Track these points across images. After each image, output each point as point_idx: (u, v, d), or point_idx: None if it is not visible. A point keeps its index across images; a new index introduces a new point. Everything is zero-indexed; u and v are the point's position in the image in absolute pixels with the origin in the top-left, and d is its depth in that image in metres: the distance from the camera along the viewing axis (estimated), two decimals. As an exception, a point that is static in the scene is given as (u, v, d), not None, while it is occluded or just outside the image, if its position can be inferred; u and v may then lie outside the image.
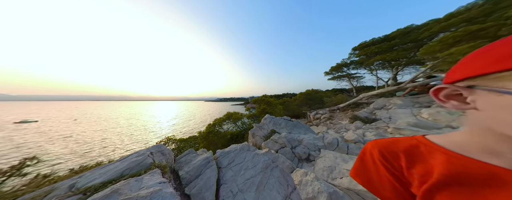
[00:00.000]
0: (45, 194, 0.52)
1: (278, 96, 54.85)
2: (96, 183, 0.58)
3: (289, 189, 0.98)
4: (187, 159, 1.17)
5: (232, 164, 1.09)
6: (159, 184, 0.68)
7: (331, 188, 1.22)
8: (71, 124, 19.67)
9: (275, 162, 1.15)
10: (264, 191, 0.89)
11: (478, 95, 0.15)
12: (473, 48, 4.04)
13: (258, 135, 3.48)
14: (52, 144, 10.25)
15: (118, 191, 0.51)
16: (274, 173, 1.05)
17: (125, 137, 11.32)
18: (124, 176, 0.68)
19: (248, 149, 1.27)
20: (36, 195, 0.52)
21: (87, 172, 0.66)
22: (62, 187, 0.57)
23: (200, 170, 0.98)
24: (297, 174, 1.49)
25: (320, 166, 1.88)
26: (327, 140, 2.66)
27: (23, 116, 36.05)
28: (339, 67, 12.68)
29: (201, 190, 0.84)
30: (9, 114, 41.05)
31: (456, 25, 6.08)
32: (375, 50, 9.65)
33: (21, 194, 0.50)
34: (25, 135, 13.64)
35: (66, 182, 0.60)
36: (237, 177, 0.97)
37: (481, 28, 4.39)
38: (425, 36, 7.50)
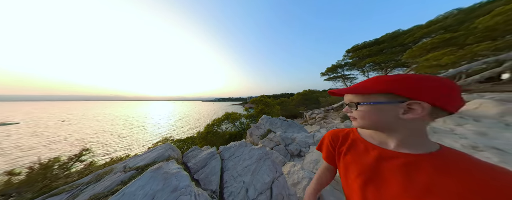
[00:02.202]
0: (110, 171, 0.77)
1: (276, 96, 54.94)
2: (141, 164, 0.84)
3: (277, 174, 1.26)
4: (194, 154, 1.42)
5: (233, 157, 1.36)
6: (178, 168, 0.94)
7: (312, 175, 1.53)
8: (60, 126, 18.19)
9: (267, 155, 1.43)
10: (258, 175, 1.17)
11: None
12: (446, 55, 4.54)
13: (256, 134, 3.76)
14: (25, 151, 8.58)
15: (160, 167, 0.78)
16: (266, 163, 1.33)
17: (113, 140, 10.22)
18: (156, 161, 0.93)
19: (246, 145, 1.54)
20: (104, 171, 0.77)
21: (131, 158, 0.91)
22: (119, 167, 0.82)
23: (206, 161, 1.24)
24: (287, 166, 1.79)
25: (308, 159, 2.19)
26: (316, 138, 2.99)
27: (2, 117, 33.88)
28: (334, 68, 13.18)
29: (207, 176, 1.10)
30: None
31: (435, 32, 6.68)
32: (367, 52, 10.22)
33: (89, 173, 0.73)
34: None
35: (119, 164, 0.85)
36: (237, 166, 1.24)
37: (453, 36, 4.92)
38: (410, 40, 8.06)
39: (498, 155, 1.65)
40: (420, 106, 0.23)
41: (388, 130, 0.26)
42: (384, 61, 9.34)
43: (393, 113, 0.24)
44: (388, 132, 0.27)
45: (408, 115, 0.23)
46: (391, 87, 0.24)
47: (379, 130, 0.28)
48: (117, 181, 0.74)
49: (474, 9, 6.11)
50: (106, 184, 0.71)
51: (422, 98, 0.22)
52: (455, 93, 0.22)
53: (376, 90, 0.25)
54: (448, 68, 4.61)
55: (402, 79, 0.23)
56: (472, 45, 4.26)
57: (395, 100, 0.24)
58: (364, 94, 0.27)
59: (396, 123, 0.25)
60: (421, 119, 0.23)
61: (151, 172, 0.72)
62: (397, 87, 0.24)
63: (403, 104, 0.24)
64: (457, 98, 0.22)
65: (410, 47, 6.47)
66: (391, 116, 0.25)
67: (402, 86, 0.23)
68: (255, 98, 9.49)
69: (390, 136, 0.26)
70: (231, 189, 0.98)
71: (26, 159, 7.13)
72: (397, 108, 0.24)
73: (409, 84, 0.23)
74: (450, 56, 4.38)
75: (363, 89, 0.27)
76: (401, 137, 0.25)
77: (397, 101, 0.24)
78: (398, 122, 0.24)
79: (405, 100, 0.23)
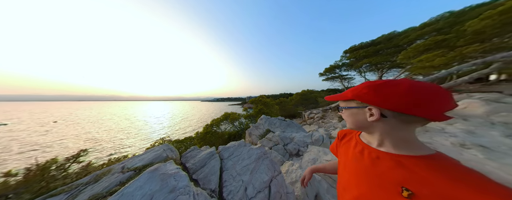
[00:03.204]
0: (108, 171, 0.77)
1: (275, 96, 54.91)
2: (139, 165, 0.84)
3: (275, 173, 1.29)
4: (193, 154, 1.43)
5: (232, 156, 1.38)
6: (176, 168, 0.95)
7: (310, 174, 1.56)
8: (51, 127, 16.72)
9: (266, 154, 1.46)
10: (256, 174, 1.19)
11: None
12: (438, 56, 4.71)
13: (255, 134, 3.78)
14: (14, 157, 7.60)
15: (158, 168, 0.78)
16: (264, 162, 1.35)
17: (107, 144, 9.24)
18: (154, 162, 0.93)
19: (245, 145, 1.56)
20: (102, 172, 0.77)
21: (129, 159, 0.91)
22: (117, 168, 0.82)
23: (205, 161, 1.25)
24: (285, 165, 1.82)
25: (306, 158, 2.23)
26: (314, 137, 3.04)
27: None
28: (332, 68, 13.35)
29: (207, 175, 1.11)
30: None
31: (428, 34, 6.92)
32: (363, 53, 10.37)
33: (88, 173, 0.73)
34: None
35: (117, 165, 0.85)
36: (236, 165, 1.25)
37: (444, 39, 5.12)
38: (405, 42, 8.27)
39: (484, 152, 1.75)
40: (376, 110, 0.25)
41: (367, 131, 0.30)
42: (380, 62, 9.53)
43: (362, 116, 0.28)
44: (368, 133, 0.30)
45: (371, 118, 0.26)
46: (354, 94, 0.28)
47: (360, 130, 0.32)
48: (115, 182, 0.74)
49: (464, 12, 6.36)
50: (104, 184, 0.71)
51: (372, 103, 0.26)
52: (411, 98, 0.22)
53: (348, 97, 0.30)
54: (440, 69, 4.79)
55: (369, 87, 0.26)
56: (462, 47, 4.45)
57: (361, 105, 0.28)
58: (343, 100, 0.32)
59: (369, 125, 0.28)
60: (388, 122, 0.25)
61: (149, 173, 0.73)
62: (357, 94, 0.28)
63: (366, 109, 0.27)
64: (427, 105, 0.21)
65: (405, 49, 6.68)
66: (362, 119, 0.28)
67: (361, 93, 0.27)
68: (254, 98, 9.51)
69: (371, 136, 0.30)
70: (230, 188, 1.00)
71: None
72: (364, 112, 0.28)
73: (365, 91, 0.26)
74: (442, 58, 4.55)
75: (342, 96, 0.32)
76: (379, 138, 0.28)
77: (363, 106, 0.28)
78: (370, 124, 0.27)
79: (365, 105, 0.27)
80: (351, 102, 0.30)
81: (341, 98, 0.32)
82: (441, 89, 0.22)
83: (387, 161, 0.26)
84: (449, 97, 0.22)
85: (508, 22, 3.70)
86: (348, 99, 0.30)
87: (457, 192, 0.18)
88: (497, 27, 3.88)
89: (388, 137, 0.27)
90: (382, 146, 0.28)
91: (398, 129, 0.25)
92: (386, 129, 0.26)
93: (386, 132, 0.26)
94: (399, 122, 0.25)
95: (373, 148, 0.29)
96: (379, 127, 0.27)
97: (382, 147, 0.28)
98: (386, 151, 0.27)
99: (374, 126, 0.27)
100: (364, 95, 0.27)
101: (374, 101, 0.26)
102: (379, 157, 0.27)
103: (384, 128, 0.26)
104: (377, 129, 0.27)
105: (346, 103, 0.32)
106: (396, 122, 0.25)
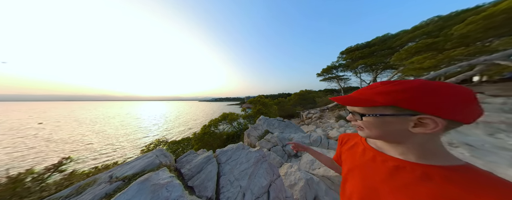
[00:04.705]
0: (93, 182, 0.70)
1: (273, 96, 55.28)
2: (129, 174, 0.78)
3: (274, 176, 1.26)
4: (188, 159, 1.37)
5: (230, 160, 1.34)
6: (170, 177, 0.89)
7: (308, 176, 1.56)
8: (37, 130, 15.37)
9: (264, 157, 1.43)
10: (255, 179, 1.16)
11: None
12: (427, 58, 4.96)
13: (253, 135, 3.75)
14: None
15: (149, 178, 0.72)
16: (263, 166, 1.32)
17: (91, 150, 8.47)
18: (145, 171, 0.87)
19: (243, 148, 1.53)
20: (86, 183, 0.70)
21: (118, 167, 0.84)
22: (104, 177, 0.75)
23: (201, 166, 1.20)
24: (284, 167, 1.80)
25: (304, 160, 2.24)
26: (312, 138, 3.07)
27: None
28: (329, 69, 13.62)
29: (203, 182, 1.06)
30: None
31: (419, 37, 7.27)
32: (359, 55, 10.68)
33: (70, 184, 0.65)
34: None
35: (104, 174, 0.78)
36: (234, 170, 1.22)
37: (433, 42, 5.39)
38: (397, 44, 8.60)
39: (470, 150, 1.85)
40: (433, 121, 0.20)
41: (395, 142, 0.25)
42: (375, 63, 9.90)
43: (401, 126, 0.22)
44: (394, 143, 0.25)
45: (419, 129, 0.21)
46: (397, 99, 0.21)
47: (384, 140, 0.26)
48: (100, 194, 0.67)
49: (451, 17, 6.76)
50: (87, 197, 0.64)
51: (436, 113, 0.20)
52: (473, 104, 0.19)
53: (380, 102, 0.23)
54: (430, 70, 5.04)
55: (411, 90, 0.20)
56: (449, 50, 4.71)
57: (403, 113, 0.22)
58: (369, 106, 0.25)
59: (405, 136, 0.23)
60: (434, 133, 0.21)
61: (139, 184, 0.67)
62: (403, 99, 0.21)
63: (413, 117, 0.21)
64: (476, 110, 0.20)
65: (398, 51, 6.93)
66: (400, 129, 0.22)
67: (410, 98, 0.20)
68: (252, 98, 9.48)
69: (395, 145, 0.25)
70: (228, 195, 0.96)
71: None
72: (407, 121, 0.22)
73: (418, 96, 0.20)
74: (431, 60, 4.79)
75: (366, 102, 0.24)
76: (406, 148, 0.23)
77: (406, 114, 0.21)
78: (407, 135, 0.22)
79: (415, 113, 0.21)
80: (384, 109, 0.23)
81: (365, 103, 0.24)
82: (472, 91, 0.20)
83: (409, 172, 0.21)
84: (477, 99, 0.20)
85: (490, 27, 3.97)
86: (380, 105, 0.23)
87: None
88: (480, 31, 4.14)
89: (419, 148, 0.22)
90: (403, 155, 0.23)
91: (435, 138, 0.22)
92: (424, 140, 0.22)
93: (422, 143, 0.22)
94: (442, 130, 0.20)
95: (389, 156, 0.25)
96: (419, 138, 0.22)
97: (402, 155, 0.23)
98: (406, 160, 0.23)
99: (410, 137, 0.22)
100: (413, 101, 0.20)
101: (429, 109, 0.20)
102: (398, 167, 0.23)
103: (423, 139, 0.22)
104: (413, 140, 0.22)
105: (373, 109, 0.24)
106: (440, 131, 0.20)
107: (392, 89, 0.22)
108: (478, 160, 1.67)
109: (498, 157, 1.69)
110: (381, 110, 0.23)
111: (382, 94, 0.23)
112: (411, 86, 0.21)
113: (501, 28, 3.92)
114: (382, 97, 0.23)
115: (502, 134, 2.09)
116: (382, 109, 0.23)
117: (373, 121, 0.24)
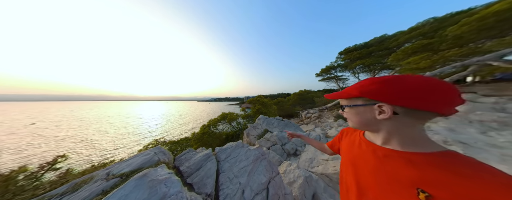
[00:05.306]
0: (89, 179, 0.69)
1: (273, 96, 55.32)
2: (126, 171, 0.76)
3: (273, 174, 1.27)
4: (187, 157, 1.36)
5: (229, 158, 1.34)
6: (168, 173, 0.89)
7: (307, 173, 1.57)
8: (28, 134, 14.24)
9: (263, 155, 1.44)
10: (254, 176, 1.16)
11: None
12: (423, 59, 5.07)
13: (253, 135, 3.75)
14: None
15: (146, 174, 0.72)
16: (262, 163, 1.33)
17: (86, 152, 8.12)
18: (143, 167, 0.86)
19: (242, 146, 1.53)
20: (83, 180, 0.69)
21: (115, 164, 0.82)
22: (101, 174, 0.73)
23: (200, 164, 1.19)
24: (283, 165, 1.81)
25: (303, 158, 2.26)
26: (311, 137, 3.10)
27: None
28: (328, 69, 13.77)
29: (202, 179, 1.06)
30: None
31: (415, 38, 7.43)
32: (357, 55, 10.89)
33: (66, 182, 0.64)
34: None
35: (101, 171, 0.76)
36: (233, 167, 1.22)
37: (429, 43, 5.52)
38: (394, 45, 8.80)
39: (464, 148, 1.90)
40: (387, 107, 0.24)
41: (373, 130, 0.29)
42: (373, 64, 10.06)
43: (370, 114, 0.27)
44: (373, 131, 0.29)
45: (382, 116, 0.25)
46: (362, 90, 0.26)
47: (365, 129, 0.30)
48: (97, 191, 0.66)
49: (446, 18, 6.94)
50: (84, 194, 0.63)
51: (386, 100, 0.24)
52: (435, 95, 0.21)
53: (353, 94, 0.28)
54: (425, 71, 5.15)
55: (375, 83, 0.25)
56: (444, 51, 4.83)
57: (369, 103, 0.26)
58: (346, 98, 0.30)
59: (376, 123, 0.26)
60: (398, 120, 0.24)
61: (136, 180, 0.66)
62: (365, 91, 0.26)
63: (375, 106, 0.25)
64: (440, 101, 0.21)
65: (395, 51, 7.05)
66: (370, 117, 0.27)
67: (372, 89, 0.25)
68: (252, 98, 9.48)
69: (376, 134, 0.28)
70: (227, 191, 0.96)
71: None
72: (373, 110, 0.26)
73: (378, 87, 0.24)
74: (427, 61, 4.90)
75: (345, 94, 0.30)
76: (385, 136, 0.27)
77: (371, 104, 0.26)
78: (378, 122, 0.26)
79: (376, 102, 0.25)
80: (356, 100, 0.28)
81: (345, 95, 0.30)
82: (451, 84, 0.22)
83: (396, 160, 0.24)
84: (457, 91, 0.22)
85: (482, 28, 4.09)
86: (353, 97, 0.28)
87: (477, 192, 0.16)
88: (473, 33, 4.27)
89: (396, 135, 0.25)
90: (388, 144, 0.26)
91: (409, 126, 0.24)
92: (396, 127, 0.25)
93: (395, 130, 0.25)
94: (411, 119, 0.23)
95: (379, 146, 0.27)
96: (388, 125, 0.25)
97: (388, 145, 0.26)
98: (393, 149, 0.25)
99: (383, 124, 0.26)
100: (373, 92, 0.25)
101: (385, 97, 0.24)
102: (386, 155, 0.25)
103: (393, 126, 0.25)
104: (385, 127, 0.26)
105: (349, 101, 0.30)
106: (407, 120, 0.24)
107: (362, 83, 0.27)
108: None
109: (489, 154, 1.75)
110: (354, 101, 0.29)
111: (355, 88, 0.28)
112: (377, 80, 0.25)
113: (492, 30, 4.05)
114: (355, 90, 0.28)
115: (493, 132, 2.16)
116: (355, 100, 0.29)
117: (351, 111, 0.30)
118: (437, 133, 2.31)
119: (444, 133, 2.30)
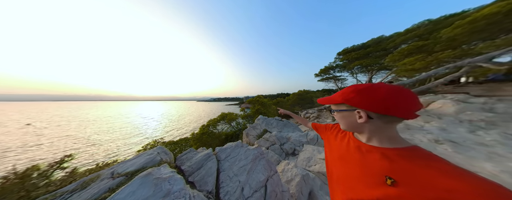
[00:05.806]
0: (96, 177, 0.73)
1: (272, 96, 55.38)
2: (131, 170, 0.81)
3: (272, 172, 1.32)
4: (188, 157, 1.40)
5: (229, 157, 1.38)
6: (171, 172, 0.93)
7: (304, 172, 1.63)
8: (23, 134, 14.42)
9: (262, 154, 1.49)
10: (253, 174, 1.21)
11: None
12: (418, 60, 5.20)
13: (252, 135, 3.80)
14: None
15: (151, 172, 0.76)
16: (261, 162, 1.38)
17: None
18: (146, 167, 0.90)
19: (242, 145, 1.58)
20: (90, 178, 0.73)
21: (120, 164, 0.86)
22: (106, 173, 0.78)
23: (201, 163, 1.24)
24: (281, 164, 1.87)
25: (301, 157, 2.32)
26: (309, 137, 3.16)
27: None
28: (327, 69, 13.86)
29: (203, 177, 1.11)
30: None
31: (411, 39, 7.60)
32: (355, 56, 10.98)
33: (73, 180, 0.68)
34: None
35: (106, 170, 0.80)
36: (233, 166, 1.27)
37: (424, 44, 5.67)
38: (391, 46, 8.94)
39: (453, 146, 1.99)
40: (363, 113, 0.29)
41: (358, 131, 0.33)
42: (370, 64, 10.16)
43: (352, 118, 0.32)
44: (359, 132, 0.34)
45: (360, 120, 0.30)
46: (343, 98, 0.32)
47: (352, 131, 0.35)
48: (104, 188, 0.70)
49: (440, 21, 7.12)
50: (93, 191, 0.67)
51: (361, 107, 0.29)
52: (399, 103, 0.26)
53: (337, 100, 0.33)
54: (421, 72, 5.29)
55: (354, 91, 0.30)
56: (438, 52, 4.97)
57: (350, 109, 0.32)
58: (334, 103, 0.35)
59: (359, 126, 0.31)
60: (374, 123, 0.29)
61: (142, 178, 0.70)
62: (346, 98, 0.31)
63: (354, 111, 0.31)
64: (403, 108, 0.26)
65: (392, 52, 7.18)
66: (353, 121, 0.32)
67: (349, 97, 0.31)
68: (251, 98, 9.51)
69: (361, 134, 0.34)
70: (227, 189, 1.01)
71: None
72: (354, 115, 0.31)
73: (356, 95, 0.30)
74: (421, 62, 5.03)
75: (331, 100, 0.36)
76: (367, 136, 0.32)
77: (352, 109, 0.32)
78: (360, 125, 0.31)
79: (355, 108, 0.31)
80: (341, 105, 0.33)
81: (332, 102, 0.35)
82: (411, 92, 0.27)
83: (374, 154, 0.29)
84: (417, 99, 0.27)
85: (474, 31, 4.23)
86: (338, 103, 0.34)
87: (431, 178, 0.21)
88: (466, 35, 4.41)
89: (376, 134, 0.30)
90: (370, 142, 0.32)
91: (383, 128, 0.29)
92: (373, 129, 0.30)
93: (373, 131, 0.30)
94: (383, 122, 0.28)
95: (363, 143, 0.33)
96: (367, 127, 0.30)
97: (370, 142, 0.32)
98: (373, 145, 0.31)
99: (364, 126, 0.31)
100: (352, 99, 0.30)
101: (361, 104, 0.29)
102: (368, 150, 0.31)
103: (371, 128, 0.30)
104: (366, 129, 0.31)
105: (337, 106, 0.35)
106: (380, 123, 0.29)
107: (345, 91, 0.32)
108: (459, 155, 1.80)
109: (476, 152, 1.83)
110: (340, 107, 0.34)
111: (339, 95, 0.33)
112: (355, 88, 0.30)
113: (483, 32, 4.20)
114: (340, 97, 0.33)
115: (481, 131, 2.26)
116: (340, 106, 0.34)
117: (338, 115, 0.35)
118: (430, 133, 2.40)
119: (436, 133, 2.39)
